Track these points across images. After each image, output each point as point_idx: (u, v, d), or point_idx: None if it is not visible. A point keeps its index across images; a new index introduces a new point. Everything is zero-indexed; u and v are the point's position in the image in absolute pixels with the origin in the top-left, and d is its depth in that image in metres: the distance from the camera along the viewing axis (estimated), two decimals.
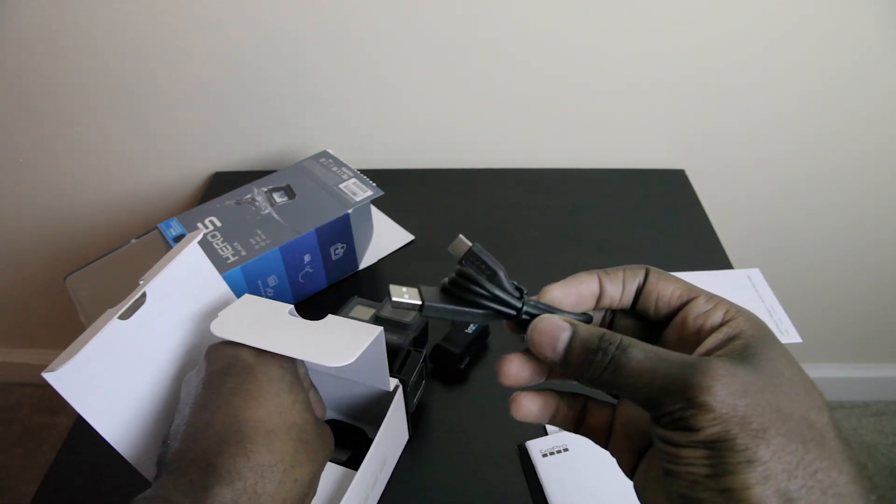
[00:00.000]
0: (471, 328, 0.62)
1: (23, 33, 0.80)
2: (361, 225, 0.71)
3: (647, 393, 0.25)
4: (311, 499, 0.36)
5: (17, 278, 1.12)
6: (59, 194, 0.99)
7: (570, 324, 0.28)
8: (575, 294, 0.31)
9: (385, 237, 0.77)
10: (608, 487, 0.51)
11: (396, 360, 0.53)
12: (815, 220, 0.97)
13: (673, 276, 0.30)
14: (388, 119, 0.88)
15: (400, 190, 0.82)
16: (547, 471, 0.53)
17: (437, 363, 0.61)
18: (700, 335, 0.27)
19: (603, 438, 0.32)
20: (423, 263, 0.75)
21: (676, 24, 0.78)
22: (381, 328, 0.41)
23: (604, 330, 0.27)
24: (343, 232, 0.68)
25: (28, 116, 0.89)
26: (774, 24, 0.78)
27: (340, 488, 0.46)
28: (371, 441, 0.47)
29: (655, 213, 0.82)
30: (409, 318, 0.57)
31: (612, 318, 0.32)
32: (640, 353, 0.26)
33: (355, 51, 0.81)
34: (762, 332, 0.26)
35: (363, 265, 0.74)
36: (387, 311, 0.58)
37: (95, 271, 0.71)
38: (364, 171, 0.73)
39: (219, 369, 0.36)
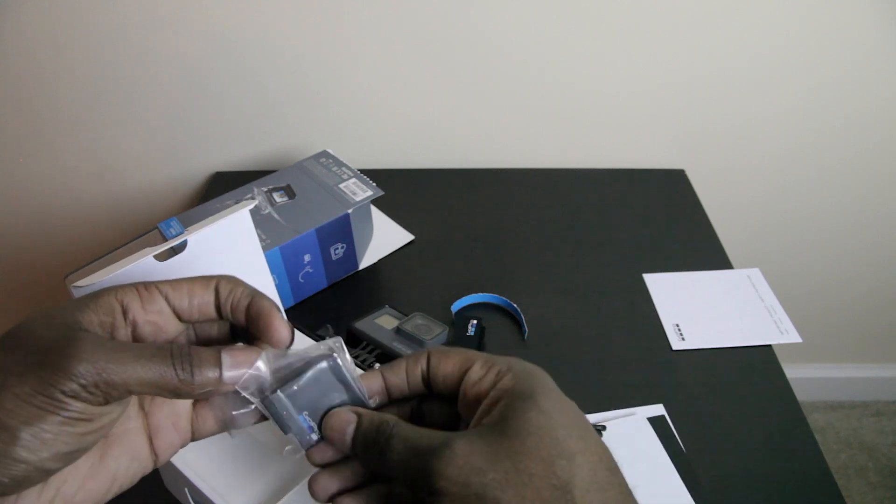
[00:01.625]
0: (471, 329, 0.62)
1: (23, 33, 0.80)
2: (361, 225, 0.71)
3: (406, 482, 0.27)
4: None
5: (17, 278, 1.12)
6: (59, 194, 0.99)
7: (357, 414, 0.29)
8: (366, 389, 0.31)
9: (385, 237, 0.77)
10: None
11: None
12: (815, 220, 0.97)
13: (453, 350, 0.31)
14: (388, 119, 0.88)
15: (400, 190, 0.82)
16: None
17: None
18: (479, 402, 0.28)
19: (452, 418, 0.32)
20: (423, 263, 0.75)
21: (676, 25, 0.78)
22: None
23: (384, 417, 0.28)
24: (343, 232, 0.68)
25: (28, 116, 0.89)
26: (774, 24, 0.78)
27: (302, 473, 0.45)
28: None
29: (655, 213, 0.82)
30: (430, 336, 0.58)
31: (419, 405, 0.33)
32: (400, 442, 0.27)
33: (355, 51, 0.81)
34: (524, 391, 0.27)
35: (363, 265, 0.74)
36: (409, 326, 0.58)
37: (95, 271, 0.71)
38: (364, 171, 0.73)
39: None
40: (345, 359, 0.31)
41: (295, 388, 0.30)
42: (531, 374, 0.29)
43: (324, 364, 0.30)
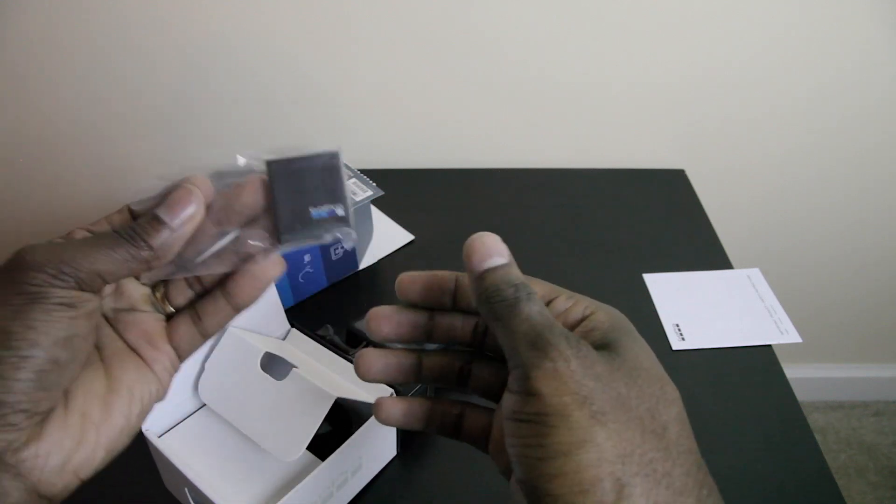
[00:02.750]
0: None
1: (24, 33, 0.80)
2: (361, 225, 0.71)
3: (518, 342, 0.25)
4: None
5: None
6: (59, 194, 0.99)
7: (509, 255, 0.29)
8: (423, 281, 0.31)
9: (385, 237, 0.77)
10: None
11: None
12: (815, 220, 0.97)
13: (537, 279, 0.31)
14: (388, 119, 0.88)
15: (400, 190, 0.82)
16: None
17: None
18: None
19: (482, 444, 0.32)
20: (423, 263, 0.75)
21: (676, 25, 0.78)
22: (334, 397, 0.42)
23: (526, 279, 0.28)
24: None
25: (28, 116, 0.89)
26: (774, 24, 0.78)
27: (302, 473, 0.45)
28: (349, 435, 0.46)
29: (655, 213, 0.82)
30: None
31: (468, 364, 0.32)
32: (537, 308, 0.27)
33: (356, 51, 0.81)
34: (620, 325, 0.28)
35: (363, 265, 0.74)
36: None
37: None
38: (364, 171, 0.73)
39: None
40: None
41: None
42: (622, 317, 0.29)
43: (328, 156, 0.30)
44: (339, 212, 0.29)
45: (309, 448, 0.46)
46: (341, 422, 0.50)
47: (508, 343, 0.26)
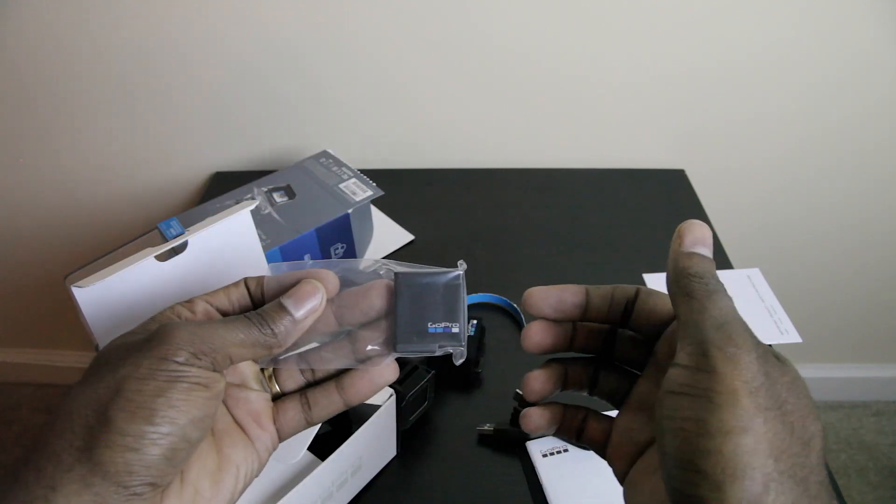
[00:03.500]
0: (471, 329, 0.62)
1: (24, 33, 0.80)
2: (361, 225, 0.71)
3: (706, 319, 0.27)
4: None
5: (17, 278, 1.12)
6: (59, 194, 0.99)
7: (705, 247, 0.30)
8: (556, 299, 0.32)
9: (385, 237, 0.77)
10: (607, 487, 0.51)
11: (401, 371, 0.52)
12: (815, 220, 0.97)
13: (662, 293, 0.32)
14: (388, 119, 0.88)
15: (400, 190, 0.82)
16: (547, 471, 0.53)
17: (453, 372, 0.60)
18: None
19: (601, 448, 0.33)
20: (423, 263, 0.75)
21: (676, 24, 0.78)
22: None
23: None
24: (343, 232, 0.68)
25: (28, 116, 0.89)
26: (774, 23, 0.78)
27: (302, 473, 0.45)
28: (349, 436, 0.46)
29: (655, 213, 0.82)
30: None
31: (613, 330, 0.34)
32: (732, 304, 0.29)
33: (355, 51, 0.81)
34: (774, 350, 0.29)
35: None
36: None
37: (95, 271, 0.71)
38: (364, 171, 0.73)
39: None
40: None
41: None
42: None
43: (454, 276, 0.33)
44: (454, 329, 0.32)
45: (309, 448, 0.45)
46: (341, 422, 0.50)
47: (695, 320, 0.27)
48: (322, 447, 0.46)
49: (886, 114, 0.85)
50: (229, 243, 0.46)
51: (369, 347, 0.32)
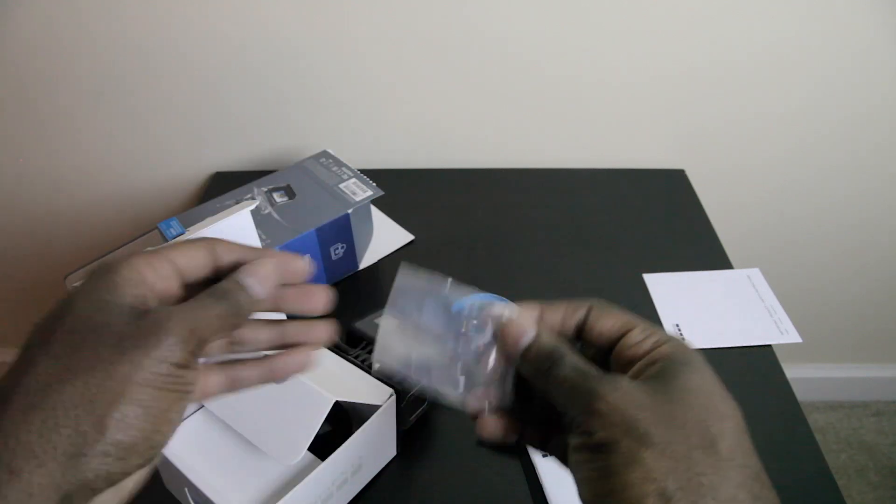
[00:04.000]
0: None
1: (23, 33, 0.80)
2: (361, 225, 0.71)
3: (563, 400, 0.29)
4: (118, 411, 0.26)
5: (17, 278, 1.12)
6: (59, 194, 0.99)
7: (537, 330, 0.32)
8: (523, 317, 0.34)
9: (385, 237, 0.77)
10: None
11: None
12: (815, 220, 0.97)
13: (614, 309, 0.33)
14: (388, 119, 0.88)
15: (400, 190, 0.82)
16: (547, 471, 0.53)
17: None
18: (632, 364, 0.31)
19: (563, 460, 0.34)
20: (423, 263, 0.75)
21: (677, 25, 0.78)
22: (332, 400, 0.43)
23: (556, 344, 0.31)
24: (343, 232, 0.68)
25: (28, 116, 0.89)
26: (774, 24, 0.78)
27: (302, 473, 0.45)
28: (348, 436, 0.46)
29: (655, 213, 0.82)
30: None
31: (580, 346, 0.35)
32: (571, 363, 0.30)
33: (355, 51, 0.81)
34: (682, 358, 0.30)
35: (363, 265, 0.74)
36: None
37: None
38: (364, 171, 0.73)
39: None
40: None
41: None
42: (688, 348, 0.32)
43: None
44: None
45: (309, 448, 0.46)
46: (341, 422, 0.50)
47: (559, 403, 0.30)
48: (322, 447, 0.46)
49: (886, 114, 0.85)
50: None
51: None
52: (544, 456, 0.54)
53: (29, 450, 0.25)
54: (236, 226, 0.46)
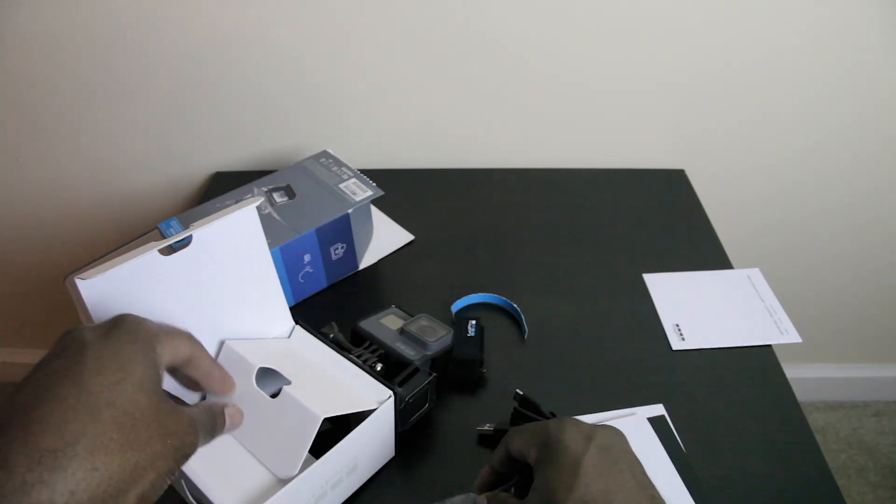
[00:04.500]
0: (471, 330, 0.62)
1: (22, 34, 0.80)
2: (361, 225, 0.71)
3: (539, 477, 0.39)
4: (140, 492, 0.31)
5: (17, 278, 1.12)
6: (59, 194, 0.99)
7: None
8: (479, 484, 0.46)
9: (385, 237, 0.77)
10: None
11: (401, 373, 0.52)
12: (815, 221, 0.97)
13: (527, 427, 0.42)
14: (388, 119, 0.88)
15: (400, 190, 0.82)
16: None
17: (459, 374, 0.60)
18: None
19: None
20: (423, 263, 0.75)
21: (676, 25, 0.78)
22: (320, 419, 0.44)
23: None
24: (343, 232, 0.68)
25: (28, 117, 0.89)
26: (775, 25, 0.78)
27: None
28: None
29: (655, 213, 0.82)
30: (433, 338, 0.57)
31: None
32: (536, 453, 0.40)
33: (355, 51, 0.81)
34: (542, 457, 0.39)
35: (363, 265, 0.74)
36: (414, 328, 0.58)
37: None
38: (364, 171, 0.73)
39: (56, 351, 0.34)
40: None
41: None
42: (546, 444, 0.39)
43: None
44: None
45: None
46: (340, 421, 0.50)
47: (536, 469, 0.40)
48: (317, 446, 0.46)
49: (886, 116, 0.85)
50: (234, 239, 0.46)
51: None
52: None
53: (72, 497, 0.29)
54: (242, 222, 0.47)
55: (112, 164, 0.94)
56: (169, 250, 0.42)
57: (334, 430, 0.48)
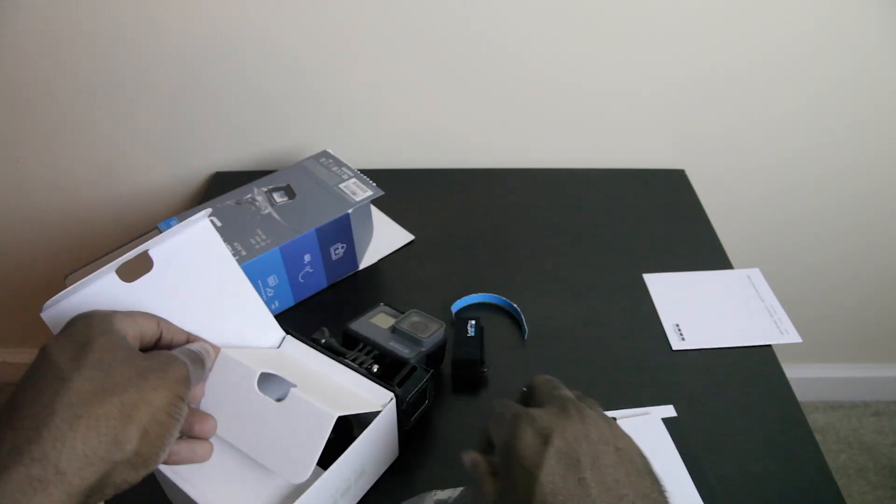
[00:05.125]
0: (471, 330, 0.61)
1: (23, 34, 0.80)
2: (361, 225, 0.71)
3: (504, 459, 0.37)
4: (140, 426, 0.33)
5: (17, 278, 1.12)
6: (59, 194, 0.99)
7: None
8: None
9: (385, 237, 0.77)
10: None
11: (399, 373, 0.52)
12: (815, 221, 0.97)
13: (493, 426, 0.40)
14: (388, 119, 0.88)
15: (400, 190, 0.82)
16: None
17: (460, 374, 0.60)
18: None
19: None
20: (423, 263, 0.75)
21: (677, 26, 0.78)
22: (334, 417, 0.43)
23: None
24: (343, 232, 0.68)
25: (28, 117, 0.89)
26: (775, 26, 0.78)
27: (304, 483, 0.44)
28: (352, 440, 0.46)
29: (655, 213, 0.82)
30: (426, 334, 0.56)
31: None
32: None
33: (355, 51, 0.81)
34: (505, 464, 0.36)
35: (363, 265, 0.74)
36: (405, 325, 0.57)
37: (95, 271, 0.70)
38: (364, 171, 0.73)
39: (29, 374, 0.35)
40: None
41: None
42: (506, 450, 0.35)
43: None
44: None
45: None
46: (343, 426, 0.49)
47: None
48: (324, 455, 0.46)
49: (886, 116, 0.85)
50: (196, 254, 0.45)
51: None
52: None
53: (75, 453, 0.30)
54: (198, 237, 0.44)
55: (112, 164, 0.94)
56: (133, 277, 0.41)
57: (336, 439, 0.48)
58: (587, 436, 0.33)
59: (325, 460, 0.45)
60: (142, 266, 0.42)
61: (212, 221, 0.65)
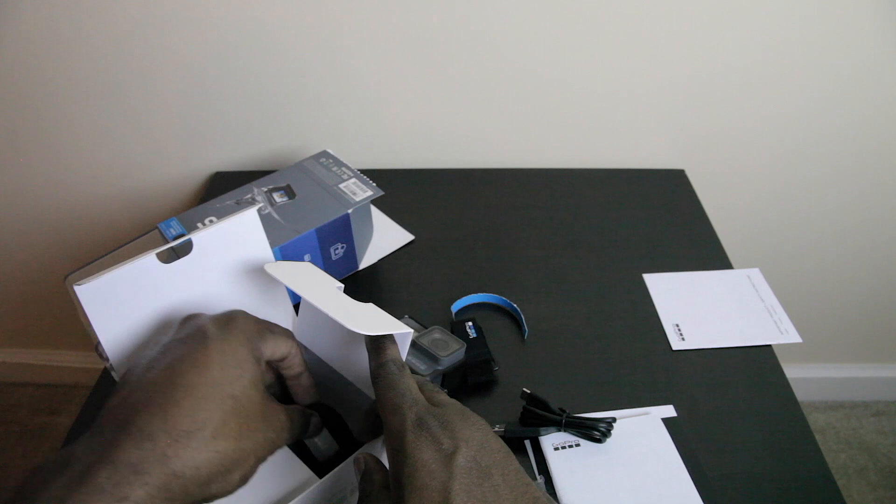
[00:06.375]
0: (471, 332, 0.61)
1: (23, 34, 0.80)
2: (361, 225, 0.71)
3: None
4: (242, 474, 0.36)
5: (17, 278, 1.12)
6: (59, 194, 0.99)
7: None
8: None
9: (385, 237, 0.77)
10: (615, 481, 0.52)
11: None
12: (815, 221, 0.97)
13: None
14: (388, 119, 0.88)
15: (400, 190, 0.82)
16: (557, 464, 0.53)
17: (477, 377, 0.60)
18: None
19: None
20: (423, 263, 0.75)
21: (676, 26, 0.78)
22: (412, 331, 0.41)
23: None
24: (343, 232, 0.68)
25: (28, 117, 0.89)
26: (775, 26, 0.78)
27: (297, 491, 0.43)
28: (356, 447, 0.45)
29: (655, 213, 0.82)
30: (446, 353, 0.55)
31: None
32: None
33: (355, 51, 0.81)
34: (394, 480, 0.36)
35: (363, 265, 0.74)
36: (426, 341, 0.56)
37: (95, 271, 0.70)
38: (364, 171, 0.73)
39: (181, 337, 0.38)
40: None
41: None
42: (404, 458, 0.35)
43: None
44: None
45: (308, 464, 0.45)
46: (343, 431, 0.50)
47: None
48: (323, 463, 0.46)
49: (886, 116, 0.85)
50: (236, 243, 0.46)
51: None
52: (556, 449, 0.54)
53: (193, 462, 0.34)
54: (243, 226, 0.46)
55: (112, 164, 0.94)
56: (170, 257, 0.42)
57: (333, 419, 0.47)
58: (485, 441, 0.36)
59: (324, 471, 0.44)
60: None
61: (211, 221, 0.66)
